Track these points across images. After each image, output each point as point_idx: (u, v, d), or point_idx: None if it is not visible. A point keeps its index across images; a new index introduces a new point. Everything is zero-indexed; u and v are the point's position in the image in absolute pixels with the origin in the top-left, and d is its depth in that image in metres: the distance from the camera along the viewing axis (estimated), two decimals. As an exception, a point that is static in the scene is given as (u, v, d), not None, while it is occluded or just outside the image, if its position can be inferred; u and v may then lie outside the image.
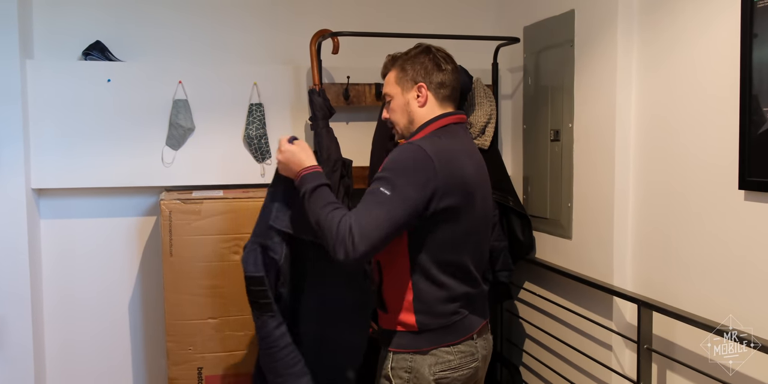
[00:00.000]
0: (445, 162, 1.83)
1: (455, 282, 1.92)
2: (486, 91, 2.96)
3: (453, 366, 1.92)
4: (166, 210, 2.60)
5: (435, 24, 3.21)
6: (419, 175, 1.79)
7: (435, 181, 1.80)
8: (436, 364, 1.91)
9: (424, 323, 1.91)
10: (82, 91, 2.78)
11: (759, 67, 1.81)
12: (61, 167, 2.78)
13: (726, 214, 1.96)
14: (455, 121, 1.99)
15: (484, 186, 2.02)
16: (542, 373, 2.92)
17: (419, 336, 1.92)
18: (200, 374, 2.66)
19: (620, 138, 2.37)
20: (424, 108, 1.99)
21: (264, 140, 2.94)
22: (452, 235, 1.89)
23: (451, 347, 1.93)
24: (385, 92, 2.06)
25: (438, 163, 1.81)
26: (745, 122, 1.85)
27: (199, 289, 2.64)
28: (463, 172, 1.88)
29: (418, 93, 1.98)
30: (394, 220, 1.75)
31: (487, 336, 2.06)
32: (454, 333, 1.93)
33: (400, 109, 2.02)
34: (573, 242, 2.66)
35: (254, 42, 3.07)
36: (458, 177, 1.86)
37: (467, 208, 1.90)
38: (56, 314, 2.93)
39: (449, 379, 1.92)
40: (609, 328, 2.41)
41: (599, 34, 2.44)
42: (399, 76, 2.01)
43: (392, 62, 2.06)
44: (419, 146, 1.83)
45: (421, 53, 2.01)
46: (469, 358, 1.95)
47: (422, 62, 1.99)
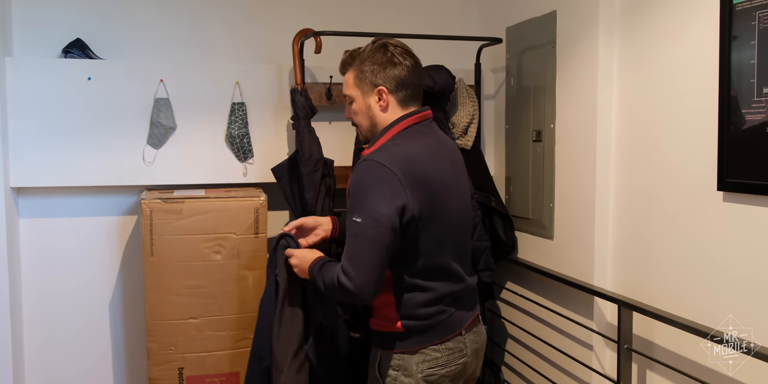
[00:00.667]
0: (408, 171, 1.83)
1: (438, 284, 1.93)
2: (469, 92, 2.97)
3: (440, 363, 1.94)
4: (147, 209, 2.59)
5: (418, 24, 3.21)
6: (386, 192, 1.80)
7: (404, 195, 1.81)
8: (423, 362, 1.92)
9: (409, 327, 1.93)
10: (62, 89, 2.75)
11: (738, 69, 1.82)
12: (41, 166, 2.75)
13: (705, 215, 1.97)
14: (417, 121, 1.97)
15: (458, 180, 2.02)
16: (524, 373, 2.93)
17: (406, 338, 1.94)
18: (181, 374, 2.65)
19: (601, 138, 2.39)
20: (386, 112, 1.97)
21: (246, 139, 2.93)
22: (429, 241, 1.90)
23: (438, 345, 1.94)
24: (346, 93, 2.03)
25: (402, 175, 1.81)
26: (724, 123, 1.86)
27: (180, 289, 2.62)
28: (429, 174, 1.88)
29: (378, 97, 1.96)
30: (375, 242, 1.78)
31: (477, 329, 2.07)
32: (440, 332, 1.94)
33: (361, 113, 2.00)
34: (554, 242, 2.67)
35: (237, 41, 3.05)
36: (424, 182, 1.86)
37: (440, 211, 1.91)
38: (35, 314, 2.90)
39: (437, 376, 1.94)
40: (590, 328, 2.43)
41: (581, 35, 2.45)
42: (358, 78, 1.98)
43: (350, 61, 2.01)
44: (377, 163, 1.83)
45: (378, 51, 1.96)
46: (457, 354, 1.97)
47: (380, 62, 1.94)
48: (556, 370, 2.68)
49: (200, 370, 2.66)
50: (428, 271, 1.92)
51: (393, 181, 1.80)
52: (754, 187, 1.79)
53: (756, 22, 1.76)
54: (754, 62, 1.77)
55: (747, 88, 1.79)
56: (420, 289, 1.91)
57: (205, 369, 2.67)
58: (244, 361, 2.67)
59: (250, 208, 2.67)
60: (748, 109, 1.79)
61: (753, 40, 1.77)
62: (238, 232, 2.65)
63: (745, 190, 1.82)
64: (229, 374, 2.69)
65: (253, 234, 2.67)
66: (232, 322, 2.68)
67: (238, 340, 2.68)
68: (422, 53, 2.12)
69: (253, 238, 2.67)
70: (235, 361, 2.69)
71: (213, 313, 2.66)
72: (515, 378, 2.99)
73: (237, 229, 2.65)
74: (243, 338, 2.68)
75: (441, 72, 2.81)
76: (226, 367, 2.69)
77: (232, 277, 2.66)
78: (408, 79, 1.95)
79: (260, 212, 2.68)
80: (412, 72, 1.96)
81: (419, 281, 1.91)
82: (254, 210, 2.67)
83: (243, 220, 2.66)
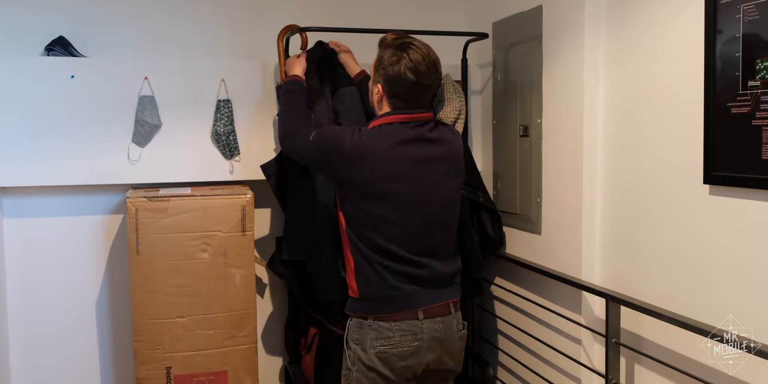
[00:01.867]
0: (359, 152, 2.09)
1: (385, 259, 2.11)
2: (455, 87, 2.95)
3: (392, 342, 2.09)
4: (132, 208, 2.57)
5: (404, 19, 3.20)
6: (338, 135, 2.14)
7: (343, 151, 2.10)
8: (377, 339, 2.09)
9: (362, 290, 2.14)
10: (45, 87, 2.72)
11: (723, 63, 1.82)
12: (24, 165, 2.72)
13: (691, 208, 1.98)
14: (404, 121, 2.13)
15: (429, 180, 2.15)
16: (513, 368, 2.93)
17: (361, 302, 2.16)
18: (169, 374, 2.63)
19: (588, 133, 2.39)
20: (380, 103, 2.18)
21: (232, 137, 2.91)
22: (366, 215, 2.11)
23: (390, 323, 2.10)
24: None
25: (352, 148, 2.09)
26: (710, 117, 1.87)
27: (166, 288, 2.61)
28: (377, 166, 2.09)
29: (376, 89, 2.15)
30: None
31: (445, 319, 2.16)
32: (390, 306, 2.11)
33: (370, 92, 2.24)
34: (542, 237, 2.67)
35: (222, 37, 3.03)
36: (366, 167, 2.09)
37: (378, 198, 2.10)
38: (20, 314, 2.88)
39: (388, 354, 2.09)
40: (578, 323, 2.43)
41: (566, 30, 2.45)
42: (374, 65, 2.17)
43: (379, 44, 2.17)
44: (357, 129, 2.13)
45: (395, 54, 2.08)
46: (410, 336, 2.10)
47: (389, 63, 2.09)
48: (544, 365, 2.69)
49: (188, 369, 2.65)
50: (368, 241, 2.12)
51: (347, 140, 2.10)
52: (739, 180, 1.80)
53: (740, 15, 1.77)
54: (739, 55, 1.77)
55: (732, 81, 1.79)
56: (367, 258, 2.12)
57: (192, 368, 2.65)
58: (232, 360, 2.68)
59: (236, 206, 2.65)
60: (734, 102, 1.79)
61: (738, 33, 1.77)
62: (225, 230, 2.64)
63: (731, 183, 1.82)
64: (217, 373, 2.67)
65: (240, 232, 2.66)
66: (220, 321, 2.66)
67: (226, 339, 2.67)
68: (408, 48, 2.13)
69: (240, 236, 2.66)
70: (223, 359, 2.67)
71: (200, 312, 2.64)
72: (504, 373, 2.99)
73: (224, 227, 2.64)
74: (231, 337, 2.67)
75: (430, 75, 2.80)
76: (214, 366, 2.67)
77: (219, 276, 2.65)
78: (404, 93, 2.11)
79: (247, 210, 2.66)
80: (412, 89, 2.10)
81: (363, 248, 2.12)
82: (241, 208, 2.65)
83: (230, 218, 2.65)
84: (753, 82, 1.74)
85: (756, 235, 1.77)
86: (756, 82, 1.73)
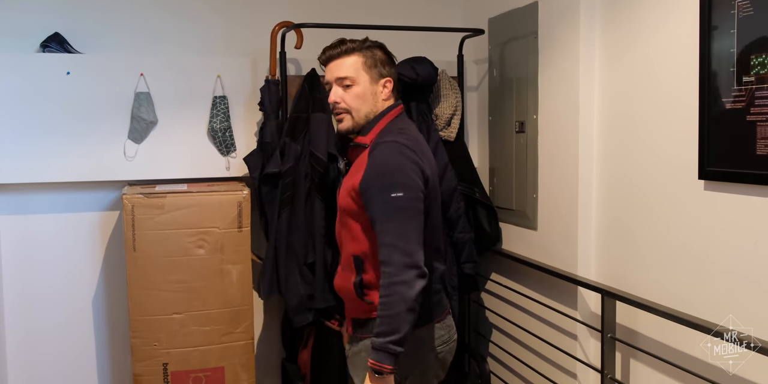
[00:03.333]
0: (420, 152, 1.91)
1: (437, 263, 1.99)
2: (451, 83, 2.96)
3: (445, 340, 2.00)
4: (129, 204, 2.56)
5: (400, 16, 3.20)
6: (415, 168, 1.86)
7: (423, 173, 1.88)
8: (436, 339, 1.98)
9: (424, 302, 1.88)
10: (41, 84, 2.72)
11: (718, 58, 1.83)
12: (20, 162, 2.72)
13: (686, 204, 1.98)
14: (401, 111, 2.06)
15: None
16: (509, 363, 2.94)
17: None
18: (166, 370, 2.64)
19: (583, 129, 2.39)
20: (386, 101, 2.02)
21: (228, 133, 2.91)
22: (430, 221, 1.93)
23: (440, 322, 2.00)
24: (346, 75, 1.97)
25: (418, 156, 1.88)
26: (705, 112, 1.87)
27: (163, 285, 2.61)
28: (428, 158, 1.96)
29: (384, 87, 2.01)
30: (419, 213, 1.83)
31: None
32: (440, 309, 2.01)
33: (363, 98, 1.99)
34: (538, 233, 2.68)
35: (217, 34, 3.03)
36: (428, 164, 1.93)
37: (436, 194, 1.98)
38: (17, 311, 2.88)
39: (443, 352, 2.01)
40: (573, 318, 2.44)
41: (562, 26, 2.45)
42: (366, 65, 1.99)
43: (353, 47, 1.99)
44: (399, 143, 1.88)
45: (379, 48, 2.03)
46: (453, 330, 2.05)
47: (387, 57, 2.03)
48: (540, 360, 2.69)
49: (185, 365, 2.65)
50: (431, 249, 1.94)
51: (416, 160, 1.87)
52: (734, 176, 1.80)
53: (735, 11, 1.77)
54: (734, 51, 1.78)
55: (727, 76, 1.80)
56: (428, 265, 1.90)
57: (189, 364, 2.66)
58: (229, 356, 2.68)
59: (233, 202, 2.65)
60: (728, 97, 1.79)
61: (732, 29, 1.78)
62: (222, 226, 2.64)
63: (726, 178, 1.83)
64: (214, 369, 2.68)
65: (236, 228, 2.66)
66: (216, 317, 2.66)
67: (223, 335, 2.67)
68: (405, 45, 2.15)
69: (236, 232, 2.66)
70: (220, 355, 2.68)
71: (197, 308, 2.64)
72: (500, 368, 3.00)
73: (220, 224, 2.64)
74: (227, 333, 2.67)
75: (423, 64, 2.80)
76: (211, 362, 2.68)
77: (216, 272, 2.65)
78: (397, 78, 2.06)
79: (243, 206, 2.66)
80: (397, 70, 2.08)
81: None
82: (237, 204, 2.66)
83: (226, 215, 2.65)
84: (747, 77, 1.74)
85: (750, 230, 1.78)
86: (750, 78, 1.73)
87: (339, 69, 1.98)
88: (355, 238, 1.95)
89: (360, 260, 1.96)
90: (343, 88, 1.98)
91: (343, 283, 2.02)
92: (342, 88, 1.98)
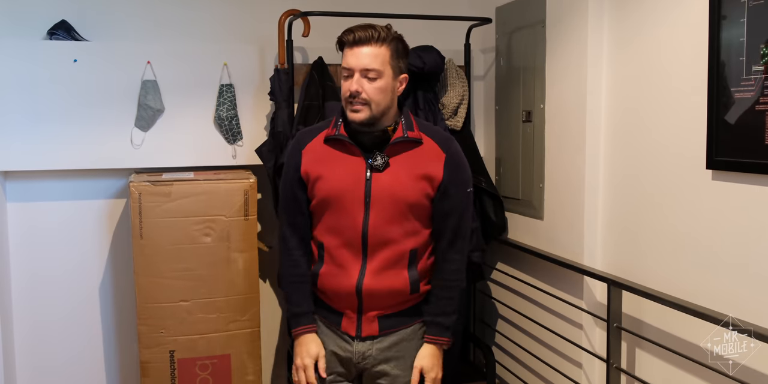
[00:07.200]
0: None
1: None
2: (458, 72, 2.95)
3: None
4: (136, 192, 2.57)
5: (407, 4, 3.17)
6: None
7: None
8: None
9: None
10: (48, 71, 2.72)
11: (727, 47, 1.82)
12: (28, 149, 2.73)
13: (694, 193, 1.98)
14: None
15: None
16: (514, 353, 2.95)
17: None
18: (172, 357, 2.65)
19: (591, 118, 2.38)
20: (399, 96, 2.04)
21: (235, 121, 2.91)
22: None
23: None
24: (375, 68, 1.91)
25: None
26: (713, 102, 1.87)
27: (170, 272, 2.62)
28: None
29: (401, 83, 2.00)
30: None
31: None
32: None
33: (386, 92, 1.95)
34: (544, 223, 2.68)
35: (225, 21, 3.02)
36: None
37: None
38: (24, 298, 2.89)
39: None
40: (579, 307, 2.44)
41: (570, 14, 2.44)
42: (393, 58, 1.94)
43: (386, 37, 1.93)
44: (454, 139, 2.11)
45: (400, 40, 1.98)
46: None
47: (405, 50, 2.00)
48: (546, 350, 2.70)
49: (191, 352, 2.67)
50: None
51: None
52: (742, 165, 1.80)
53: (745, 0, 1.76)
54: (744, 40, 1.77)
55: (736, 66, 1.79)
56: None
57: (196, 351, 2.67)
58: (235, 344, 2.69)
59: (239, 191, 2.66)
60: (737, 87, 1.79)
61: (742, 18, 1.77)
62: (228, 214, 2.65)
63: (734, 168, 1.83)
64: (221, 357, 2.69)
65: (243, 216, 2.67)
66: (223, 305, 2.67)
67: (229, 323, 2.69)
68: (411, 33, 2.12)
69: (243, 221, 2.66)
70: (226, 343, 2.69)
71: (203, 296, 2.65)
72: (505, 358, 3.01)
73: (227, 212, 2.65)
74: (233, 320, 2.69)
75: (430, 53, 2.79)
76: (217, 350, 2.69)
77: (222, 260, 2.66)
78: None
79: (250, 194, 2.67)
80: None
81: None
82: (244, 192, 2.66)
83: (233, 203, 2.65)
84: (757, 66, 1.74)
85: (759, 220, 1.77)
86: (760, 67, 1.73)
87: (368, 59, 1.91)
88: (415, 233, 2.02)
89: (415, 253, 2.00)
90: (368, 80, 1.92)
91: (389, 282, 2.00)
92: (366, 79, 1.92)
